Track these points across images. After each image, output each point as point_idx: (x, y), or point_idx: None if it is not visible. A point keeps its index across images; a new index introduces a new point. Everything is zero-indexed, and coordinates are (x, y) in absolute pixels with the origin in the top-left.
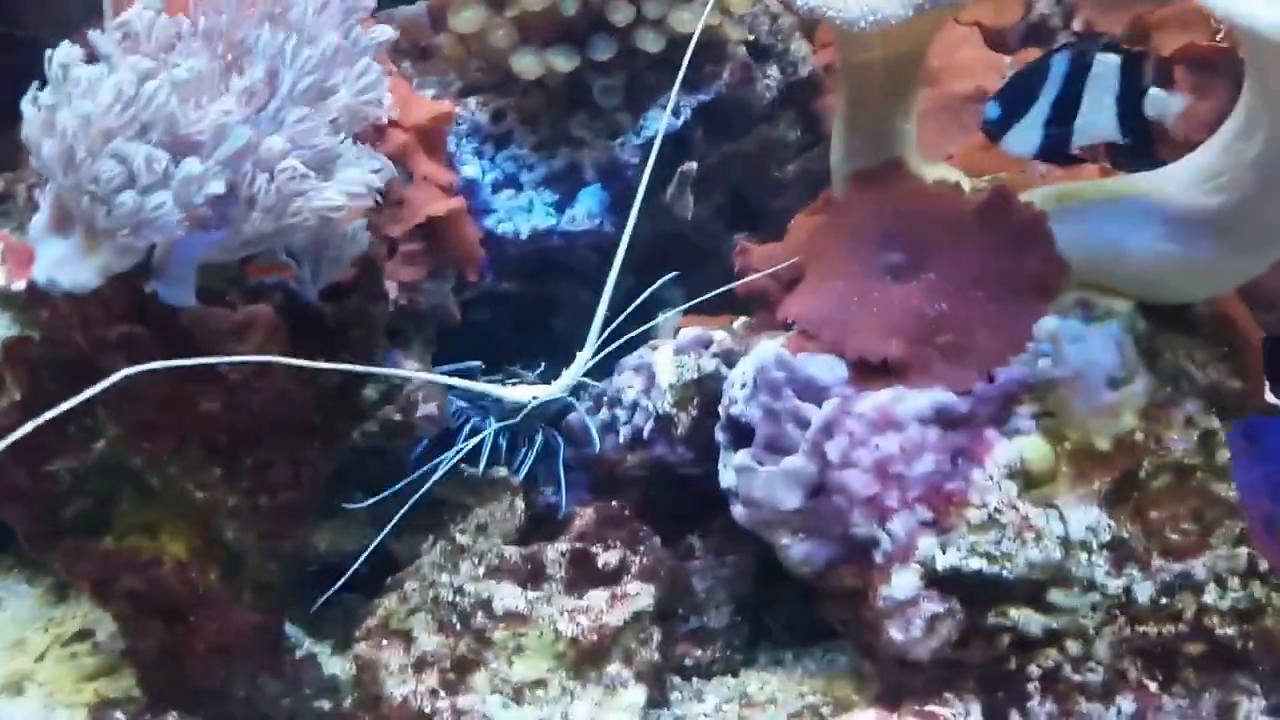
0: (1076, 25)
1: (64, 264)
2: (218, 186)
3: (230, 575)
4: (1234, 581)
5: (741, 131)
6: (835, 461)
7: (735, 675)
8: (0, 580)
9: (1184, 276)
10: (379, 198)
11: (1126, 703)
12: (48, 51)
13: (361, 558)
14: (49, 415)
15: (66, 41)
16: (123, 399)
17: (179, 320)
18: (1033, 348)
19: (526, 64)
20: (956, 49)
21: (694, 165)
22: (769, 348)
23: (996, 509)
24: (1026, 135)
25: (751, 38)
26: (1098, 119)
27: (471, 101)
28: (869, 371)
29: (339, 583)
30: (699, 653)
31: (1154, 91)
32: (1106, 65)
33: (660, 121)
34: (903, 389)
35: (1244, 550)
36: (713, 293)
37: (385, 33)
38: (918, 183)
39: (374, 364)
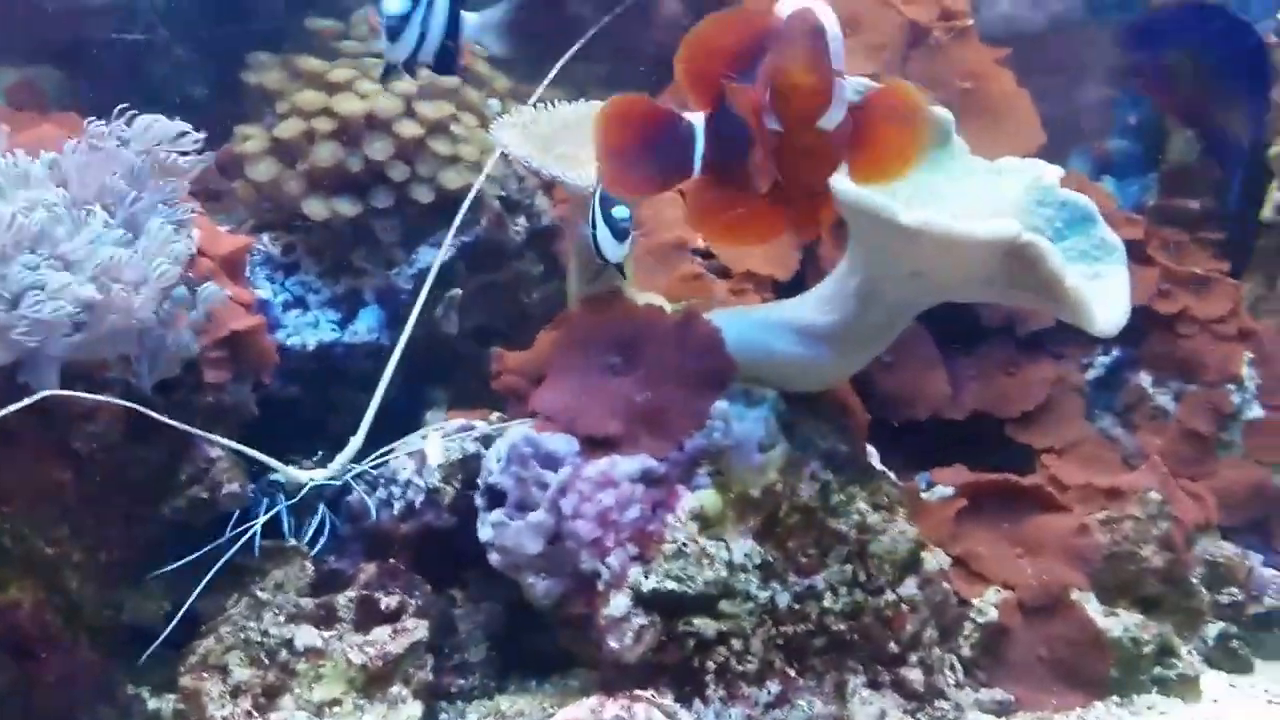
0: None
1: None
2: (91, 292)
3: (71, 621)
4: (843, 590)
5: (496, 266)
6: (568, 514)
7: (491, 698)
8: None
9: (811, 372)
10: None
11: (774, 685)
12: None
13: (179, 614)
14: None
15: None
16: None
17: (44, 403)
18: (710, 424)
19: (316, 208)
20: (665, 206)
21: (459, 291)
22: (519, 430)
23: (683, 544)
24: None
25: (504, 194)
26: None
27: (265, 236)
28: (594, 445)
29: (162, 635)
30: (461, 681)
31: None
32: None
33: (430, 256)
34: (618, 457)
35: (850, 567)
36: None
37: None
38: (632, 305)
39: (193, 446)
